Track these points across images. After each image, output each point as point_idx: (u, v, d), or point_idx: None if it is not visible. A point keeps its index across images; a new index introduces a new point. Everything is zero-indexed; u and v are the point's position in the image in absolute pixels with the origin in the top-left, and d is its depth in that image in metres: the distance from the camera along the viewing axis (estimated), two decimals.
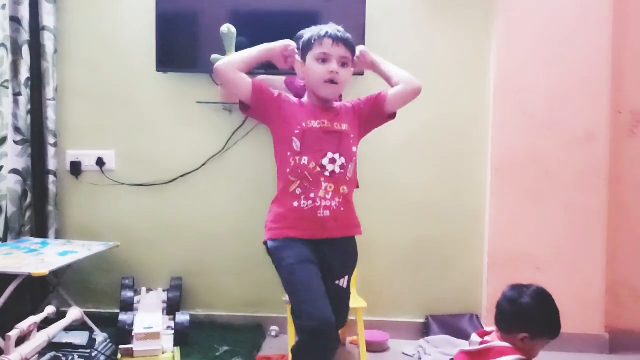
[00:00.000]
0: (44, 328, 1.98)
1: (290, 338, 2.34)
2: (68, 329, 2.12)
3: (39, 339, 1.91)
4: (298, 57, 1.80)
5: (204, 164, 2.76)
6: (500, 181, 2.62)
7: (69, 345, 2.16)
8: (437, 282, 2.74)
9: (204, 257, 2.79)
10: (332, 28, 1.77)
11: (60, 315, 2.17)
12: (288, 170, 1.72)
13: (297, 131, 1.72)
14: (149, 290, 2.63)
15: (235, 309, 2.78)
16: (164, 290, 2.64)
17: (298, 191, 1.70)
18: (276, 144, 1.80)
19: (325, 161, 1.70)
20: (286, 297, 2.35)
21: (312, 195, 1.69)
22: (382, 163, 2.71)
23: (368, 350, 2.33)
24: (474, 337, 1.71)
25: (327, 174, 1.70)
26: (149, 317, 2.35)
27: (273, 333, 2.71)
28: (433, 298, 2.73)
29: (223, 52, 2.44)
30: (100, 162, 2.78)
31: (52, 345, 2.05)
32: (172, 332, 2.41)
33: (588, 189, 2.57)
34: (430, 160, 2.72)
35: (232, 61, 1.76)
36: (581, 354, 2.54)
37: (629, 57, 2.60)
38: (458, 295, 2.73)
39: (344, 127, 1.76)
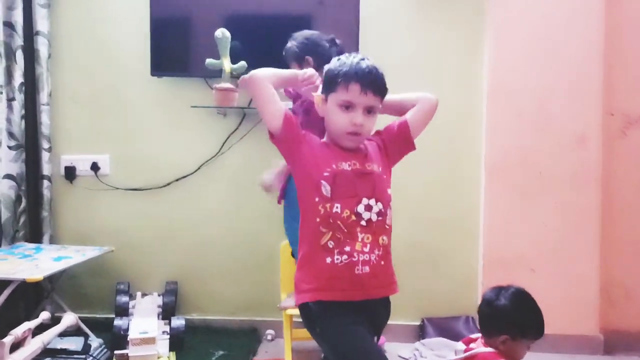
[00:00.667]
0: (39, 334, 1.98)
1: (286, 342, 2.34)
2: (63, 334, 2.12)
3: (34, 345, 1.91)
4: (319, 91, 1.58)
5: (198, 168, 2.76)
6: (494, 183, 2.63)
7: (64, 351, 2.15)
8: (432, 285, 2.74)
9: (199, 261, 2.79)
10: (362, 65, 1.50)
11: (54, 320, 2.17)
12: (318, 219, 1.48)
13: (326, 173, 1.49)
14: (144, 295, 2.63)
15: (230, 313, 2.78)
16: (159, 295, 2.63)
17: (330, 244, 1.46)
18: (300, 188, 1.55)
19: (360, 208, 1.49)
20: (281, 304, 2.38)
21: (346, 248, 1.45)
22: None
23: None
24: (459, 345, 1.70)
25: (363, 223, 1.48)
26: (144, 322, 2.35)
27: (269, 337, 2.71)
28: (428, 301, 2.74)
29: (217, 57, 2.45)
30: (94, 167, 2.78)
31: (46, 351, 2.04)
32: (168, 336, 2.40)
33: (581, 190, 2.59)
34: (423, 161, 2.70)
35: (266, 74, 1.54)
36: (575, 355, 2.55)
37: (621, 59, 2.62)
38: (453, 298, 2.73)
39: (375, 167, 1.56)
